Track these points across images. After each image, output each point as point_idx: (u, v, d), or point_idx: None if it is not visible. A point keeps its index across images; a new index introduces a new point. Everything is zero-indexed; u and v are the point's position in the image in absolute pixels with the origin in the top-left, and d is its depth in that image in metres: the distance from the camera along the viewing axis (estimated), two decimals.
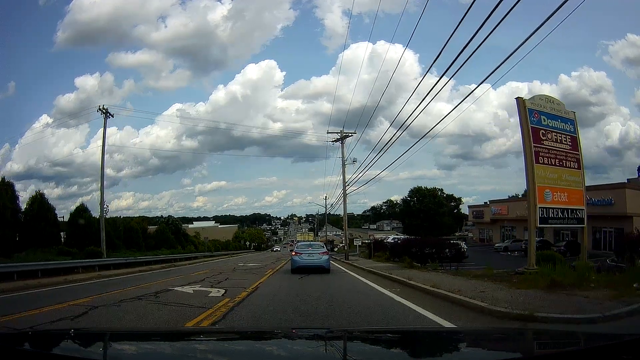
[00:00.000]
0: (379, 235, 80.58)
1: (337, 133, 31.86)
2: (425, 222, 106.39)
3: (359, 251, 42.03)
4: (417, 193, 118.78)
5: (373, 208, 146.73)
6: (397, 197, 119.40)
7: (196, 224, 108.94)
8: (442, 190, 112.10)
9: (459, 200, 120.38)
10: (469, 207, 72.65)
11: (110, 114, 32.81)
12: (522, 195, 62.79)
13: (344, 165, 31.08)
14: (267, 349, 2.60)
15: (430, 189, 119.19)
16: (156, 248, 40.55)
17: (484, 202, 75.28)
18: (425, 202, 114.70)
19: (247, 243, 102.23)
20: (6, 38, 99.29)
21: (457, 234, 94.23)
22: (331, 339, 2.80)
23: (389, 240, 39.05)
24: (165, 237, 44.13)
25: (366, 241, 53.65)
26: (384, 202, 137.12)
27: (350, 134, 31.33)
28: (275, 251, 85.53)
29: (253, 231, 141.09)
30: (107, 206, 38.46)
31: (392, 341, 2.80)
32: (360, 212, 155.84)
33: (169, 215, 58.27)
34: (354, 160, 31.32)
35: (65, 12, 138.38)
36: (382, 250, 33.61)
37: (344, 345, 2.50)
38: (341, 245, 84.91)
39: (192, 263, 34.19)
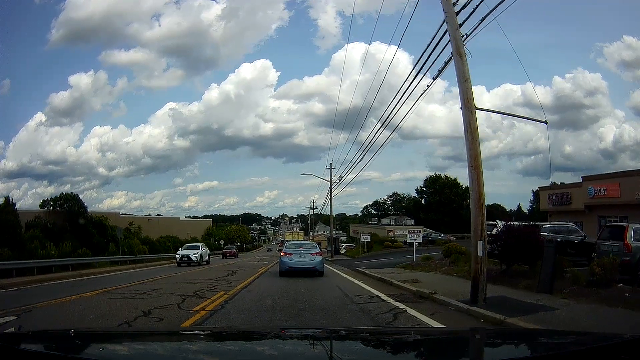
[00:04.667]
0: (399, 232, 57.27)
1: None
2: (447, 217, 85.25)
3: (418, 256, 19.11)
4: (434, 183, 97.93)
5: (376, 202, 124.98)
6: (405, 192, 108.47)
7: (156, 217, 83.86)
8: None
9: None
10: (541, 189, 48.54)
11: None
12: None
13: None
14: (258, 349, 2.57)
15: (450, 179, 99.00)
16: None
17: (559, 183, 52.06)
18: (446, 193, 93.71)
19: (222, 242, 78.25)
20: (1, 36, 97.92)
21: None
22: (322, 339, 2.72)
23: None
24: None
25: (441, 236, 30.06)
26: (389, 196, 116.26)
27: None
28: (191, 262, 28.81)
29: (234, 228, 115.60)
30: None
31: (384, 342, 2.71)
32: (352, 214, 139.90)
33: (61, 194, 34.62)
34: None
35: (59, 10, 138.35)
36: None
37: (336, 346, 2.47)
38: (345, 246, 61.46)
39: None
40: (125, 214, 55.87)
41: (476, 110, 7.95)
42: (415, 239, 19.36)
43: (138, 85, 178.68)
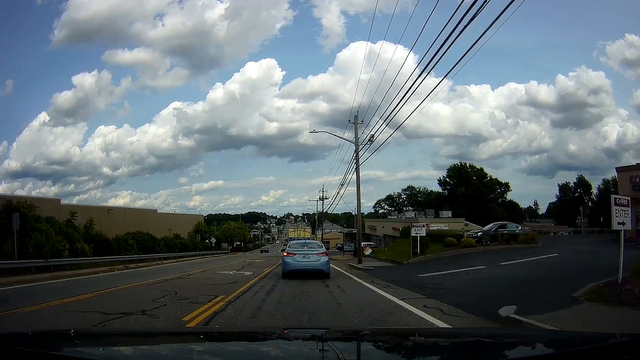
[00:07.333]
0: (436, 226, 44.87)
1: None
2: (475, 211, 73.24)
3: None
4: (459, 172, 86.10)
5: (389, 197, 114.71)
6: (420, 185, 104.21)
7: (121, 208, 66.74)
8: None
9: (506, 187, 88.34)
10: (620, 169, 35.88)
11: None
12: None
13: None
14: (263, 350, 2.52)
15: (476, 168, 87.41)
16: None
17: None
18: (474, 183, 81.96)
19: (213, 240, 66.25)
20: (4, 36, 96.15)
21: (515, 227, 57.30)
22: (328, 340, 2.66)
23: None
24: None
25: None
26: (403, 190, 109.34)
27: None
28: None
29: (233, 225, 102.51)
30: None
31: (391, 342, 2.72)
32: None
33: None
34: None
35: (62, 10, 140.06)
36: None
37: (341, 346, 2.43)
38: (364, 245, 48.98)
39: None
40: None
41: None
42: None
43: (142, 85, 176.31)
